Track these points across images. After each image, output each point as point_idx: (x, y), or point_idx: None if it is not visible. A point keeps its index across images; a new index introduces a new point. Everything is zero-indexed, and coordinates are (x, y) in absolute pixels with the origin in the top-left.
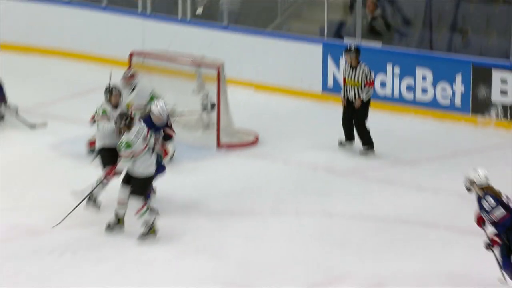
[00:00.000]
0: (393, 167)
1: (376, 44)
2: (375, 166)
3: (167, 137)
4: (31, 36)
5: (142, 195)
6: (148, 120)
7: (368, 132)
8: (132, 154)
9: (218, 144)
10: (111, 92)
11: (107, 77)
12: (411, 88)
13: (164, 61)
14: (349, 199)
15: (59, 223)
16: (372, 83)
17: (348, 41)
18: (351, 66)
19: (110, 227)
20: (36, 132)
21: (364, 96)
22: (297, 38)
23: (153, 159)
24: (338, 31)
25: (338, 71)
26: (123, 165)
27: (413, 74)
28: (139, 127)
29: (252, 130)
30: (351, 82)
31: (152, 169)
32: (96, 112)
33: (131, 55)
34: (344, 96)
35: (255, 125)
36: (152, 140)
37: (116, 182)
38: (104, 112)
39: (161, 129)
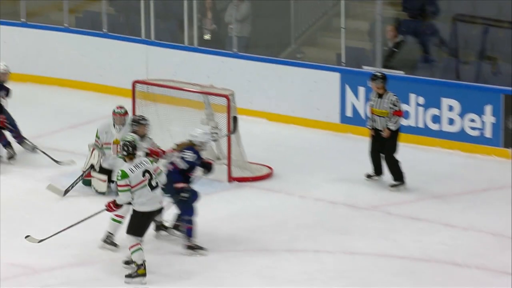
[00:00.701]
0: (418, 203)
1: (398, 73)
2: (399, 201)
3: (207, 165)
4: (27, 64)
5: (134, 234)
6: (195, 151)
7: (398, 165)
8: (128, 186)
9: (230, 178)
10: (138, 122)
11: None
12: (436, 119)
13: (170, 90)
14: (371, 236)
15: (47, 238)
16: (400, 112)
17: (367, 69)
18: (378, 95)
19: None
20: (35, 166)
21: (392, 126)
22: (312, 66)
23: (153, 195)
24: (357, 59)
25: (357, 100)
26: (121, 197)
27: (438, 104)
28: (141, 160)
29: (265, 163)
30: (378, 111)
31: (151, 206)
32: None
33: (134, 84)
34: (371, 126)
35: (268, 157)
36: (161, 177)
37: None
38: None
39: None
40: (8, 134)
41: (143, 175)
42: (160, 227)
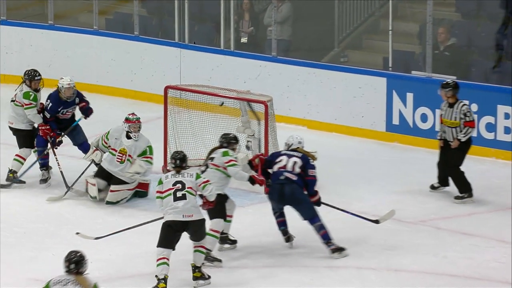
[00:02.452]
0: (470, 217)
1: (450, 78)
2: (449, 216)
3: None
4: (54, 69)
5: (159, 245)
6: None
7: (463, 177)
8: (160, 193)
9: (266, 189)
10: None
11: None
12: (491, 128)
13: (204, 96)
14: (419, 253)
15: (104, 236)
16: (472, 123)
17: (416, 74)
18: (448, 104)
19: None
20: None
21: (462, 137)
22: (357, 71)
23: (176, 206)
24: (405, 63)
25: (405, 107)
26: (157, 204)
27: (494, 112)
28: (186, 172)
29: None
30: (449, 122)
31: (173, 216)
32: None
33: (166, 90)
34: (440, 136)
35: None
36: (205, 190)
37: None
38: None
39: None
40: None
41: (174, 184)
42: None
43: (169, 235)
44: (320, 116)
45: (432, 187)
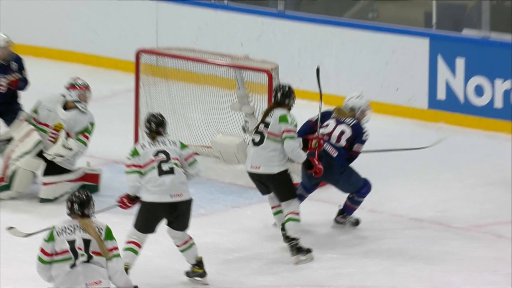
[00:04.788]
0: None
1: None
2: (509, 218)
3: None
4: None
5: (135, 227)
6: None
7: None
8: (137, 167)
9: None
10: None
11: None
12: None
13: (188, 63)
14: (473, 267)
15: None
16: None
17: (468, 34)
18: None
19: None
20: None
21: None
22: (390, 30)
23: (162, 183)
24: (454, 19)
25: (453, 76)
26: (129, 180)
27: None
28: (167, 139)
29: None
30: None
31: (159, 197)
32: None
33: (139, 54)
34: None
35: None
36: (194, 169)
37: None
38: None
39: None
40: None
41: (156, 155)
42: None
43: (151, 219)
44: (341, 89)
45: None
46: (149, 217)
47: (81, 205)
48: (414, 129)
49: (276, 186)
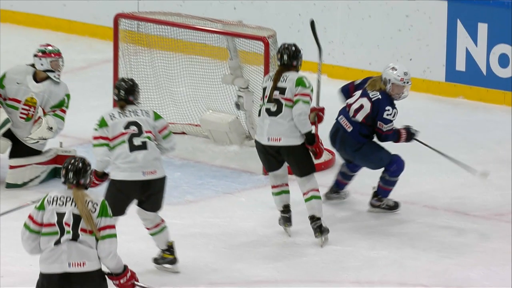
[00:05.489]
0: None
1: None
2: None
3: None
4: None
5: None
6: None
7: None
8: (105, 139)
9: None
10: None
11: None
12: None
13: (173, 30)
14: (493, 263)
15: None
16: None
17: None
18: None
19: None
20: None
21: None
22: None
23: (133, 159)
24: None
25: (475, 45)
26: (96, 155)
27: None
28: (139, 108)
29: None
30: None
31: (130, 174)
32: None
33: (117, 19)
34: None
35: (327, 136)
36: (168, 142)
37: None
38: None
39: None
40: None
41: (127, 127)
42: (332, 190)
43: (121, 199)
44: (348, 59)
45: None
46: (119, 197)
47: (76, 173)
48: (429, 105)
49: (298, 159)
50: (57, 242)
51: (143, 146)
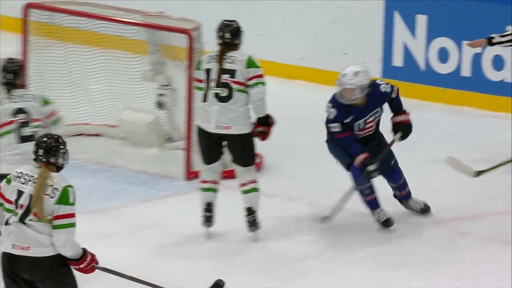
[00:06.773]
0: None
1: None
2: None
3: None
4: None
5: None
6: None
7: None
8: None
9: (188, 172)
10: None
11: None
12: None
13: (88, 21)
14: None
15: None
16: None
17: None
18: None
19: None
20: None
21: None
22: None
23: (24, 151)
24: None
25: (413, 37)
26: None
27: None
28: (25, 92)
29: None
30: None
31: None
32: None
33: (26, 10)
34: None
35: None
36: (58, 128)
37: None
38: None
39: None
40: None
41: (15, 114)
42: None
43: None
44: (281, 55)
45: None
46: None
47: (47, 151)
48: None
49: (244, 148)
50: (7, 222)
51: (32, 137)
